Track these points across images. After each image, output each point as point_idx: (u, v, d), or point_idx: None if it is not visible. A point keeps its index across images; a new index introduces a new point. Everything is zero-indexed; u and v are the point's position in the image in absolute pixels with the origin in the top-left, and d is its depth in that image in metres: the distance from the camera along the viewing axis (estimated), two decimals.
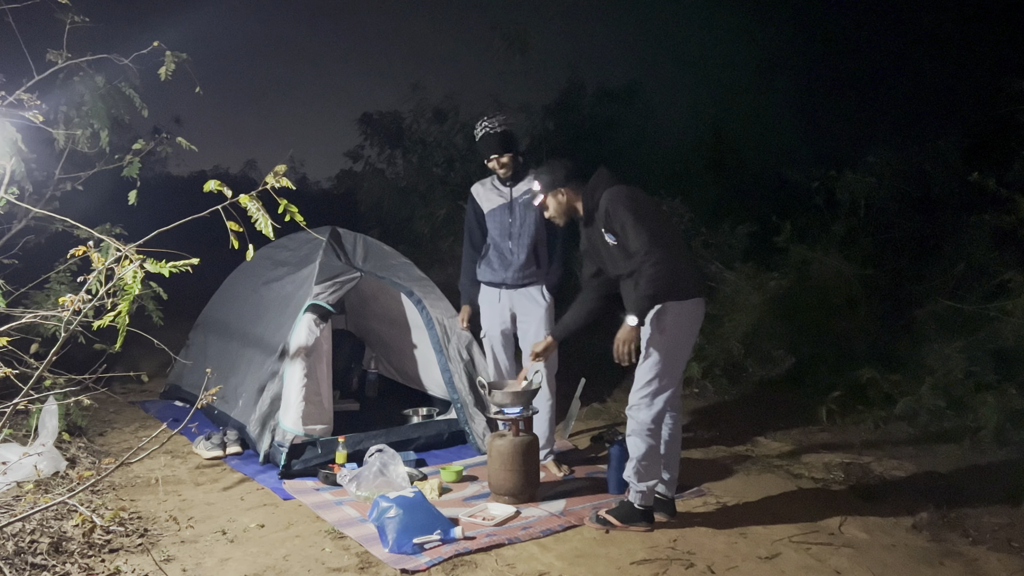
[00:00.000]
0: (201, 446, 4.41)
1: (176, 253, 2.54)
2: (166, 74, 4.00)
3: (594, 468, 4.25)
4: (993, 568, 3.04)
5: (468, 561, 3.03)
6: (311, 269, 4.49)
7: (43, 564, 2.84)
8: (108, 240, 2.62)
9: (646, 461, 3.32)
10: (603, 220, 3.33)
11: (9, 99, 3.07)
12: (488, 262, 4.22)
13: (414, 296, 4.68)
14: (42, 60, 3.76)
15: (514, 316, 4.22)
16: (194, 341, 5.73)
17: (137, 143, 4.44)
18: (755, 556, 3.11)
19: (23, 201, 3.35)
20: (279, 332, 4.36)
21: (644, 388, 3.29)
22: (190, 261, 2.53)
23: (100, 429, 4.96)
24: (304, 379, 4.09)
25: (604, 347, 3.43)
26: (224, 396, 4.60)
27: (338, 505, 3.63)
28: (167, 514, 3.46)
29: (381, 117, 10.22)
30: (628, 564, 3.03)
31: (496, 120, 4.02)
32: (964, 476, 4.09)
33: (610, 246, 3.36)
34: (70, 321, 2.67)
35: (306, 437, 4.08)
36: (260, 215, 2.50)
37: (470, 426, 4.52)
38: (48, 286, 4.61)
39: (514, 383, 3.89)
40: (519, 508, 3.58)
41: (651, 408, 3.29)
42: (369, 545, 3.15)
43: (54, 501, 2.96)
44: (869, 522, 3.48)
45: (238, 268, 5.67)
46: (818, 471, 4.23)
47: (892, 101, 8.44)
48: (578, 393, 4.98)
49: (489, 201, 4.20)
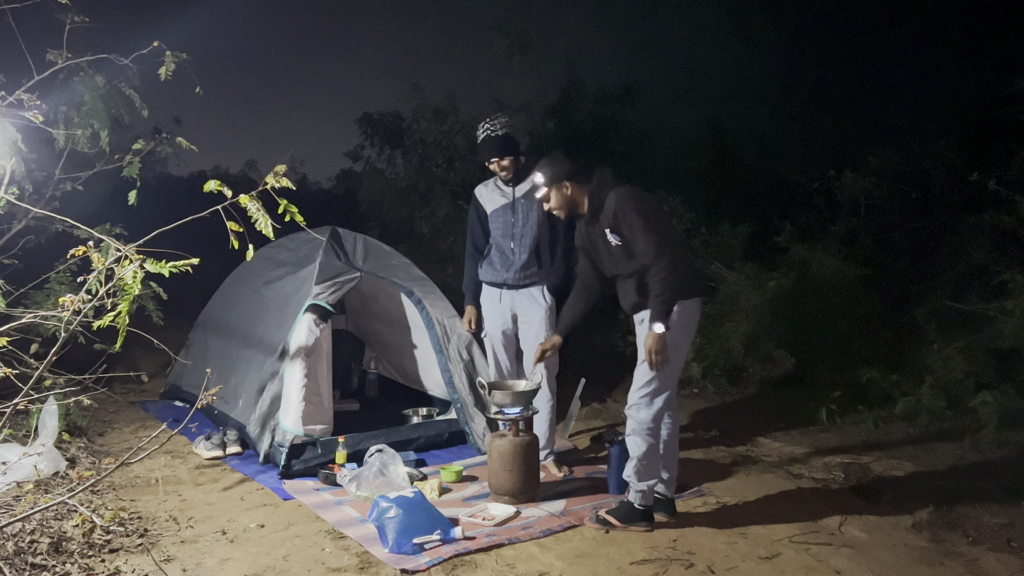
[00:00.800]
0: (201, 446, 4.41)
1: (176, 253, 2.53)
2: (166, 74, 4.00)
3: (594, 468, 4.25)
4: (993, 568, 3.04)
5: (468, 561, 3.03)
6: (311, 269, 4.49)
7: (43, 564, 2.84)
8: (108, 240, 2.62)
9: (646, 460, 3.32)
10: (609, 220, 3.32)
11: (9, 99, 3.08)
12: (490, 262, 4.22)
13: (414, 296, 4.68)
14: (42, 60, 3.76)
15: (515, 316, 4.22)
16: (194, 341, 5.73)
17: (137, 143, 4.45)
18: (755, 556, 3.11)
19: (23, 201, 3.34)
20: (279, 332, 4.36)
21: (644, 388, 3.29)
22: (190, 261, 2.53)
23: (100, 429, 4.96)
24: (304, 379, 4.09)
25: (604, 347, 3.42)
26: (224, 396, 4.60)
27: (338, 505, 3.63)
28: (167, 514, 3.46)
29: (381, 117, 10.22)
30: (628, 564, 3.03)
31: (498, 123, 4.02)
32: (964, 476, 4.09)
33: (612, 246, 3.35)
34: (70, 321, 2.66)
35: (306, 437, 4.08)
36: (260, 215, 2.50)
37: (470, 426, 4.52)
38: (48, 286, 4.61)
39: (524, 383, 3.89)
40: (519, 508, 3.58)
41: (651, 407, 3.29)
42: (369, 545, 3.15)
43: (54, 501, 2.96)
44: (869, 522, 3.48)
45: (238, 268, 5.67)
46: (818, 471, 4.23)
47: (892, 101, 8.44)
48: (578, 393, 4.98)
49: (492, 202, 4.20)
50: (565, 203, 3.47)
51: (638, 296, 3.34)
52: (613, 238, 3.33)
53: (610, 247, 3.37)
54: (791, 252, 6.48)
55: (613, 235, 3.33)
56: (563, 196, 3.45)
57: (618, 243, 3.33)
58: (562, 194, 3.45)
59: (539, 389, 3.88)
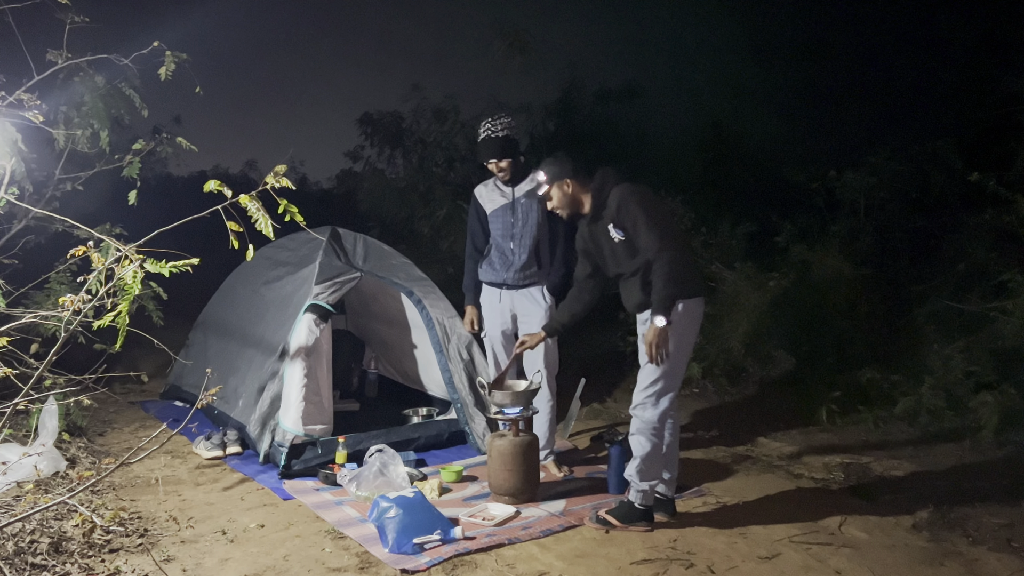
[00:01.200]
0: (201, 446, 4.41)
1: (176, 253, 2.54)
2: (166, 74, 4.00)
3: (594, 468, 4.25)
4: (993, 568, 3.04)
5: (468, 561, 3.03)
6: (311, 269, 4.49)
7: (43, 564, 2.84)
8: (108, 240, 2.63)
9: (649, 460, 3.32)
10: (612, 215, 3.34)
11: (9, 99, 3.07)
12: (490, 262, 4.22)
13: (414, 296, 4.68)
14: (42, 60, 3.76)
15: (515, 316, 4.22)
16: (194, 341, 5.73)
17: (137, 143, 4.45)
18: (755, 556, 3.11)
19: (23, 201, 3.35)
20: (279, 332, 4.36)
21: (649, 387, 3.30)
22: (190, 261, 2.53)
23: (100, 429, 4.96)
24: (304, 379, 4.09)
25: (604, 347, 3.42)
26: (224, 396, 4.60)
27: (338, 505, 3.63)
28: (167, 514, 3.46)
29: (381, 117, 10.21)
30: (628, 564, 3.03)
31: (499, 123, 4.01)
32: (964, 476, 4.09)
33: (615, 242, 3.36)
34: (70, 321, 2.67)
35: (306, 437, 4.08)
36: (260, 215, 2.50)
37: (470, 426, 4.52)
38: (48, 286, 4.61)
39: (524, 383, 3.89)
40: (519, 508, 3.58)
41: (656, 407, 3.29)
42: (369, 545, 3.15)
43: (54, 501, 2.96)
44: (869, 522, 3.48)
45: (238, 268, 5.67)
46: (818, 471, 4.23)
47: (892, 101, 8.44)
48: (578, 393, 4.98)
49: (492, 202, 4.20)
50: (566, 201, 3.49)
51: (642, 295, 3.34)
52: (616, 233, 3.34)
53: (613, 244, 3.38)
54: (791, 252, 6.47)
55: (616, 230, 3.34)
56: (564, 194, 3.48)
57: (621, 238, 3.33)
58: (563, 192, 3.47)
59: (539, 389, 3.88)
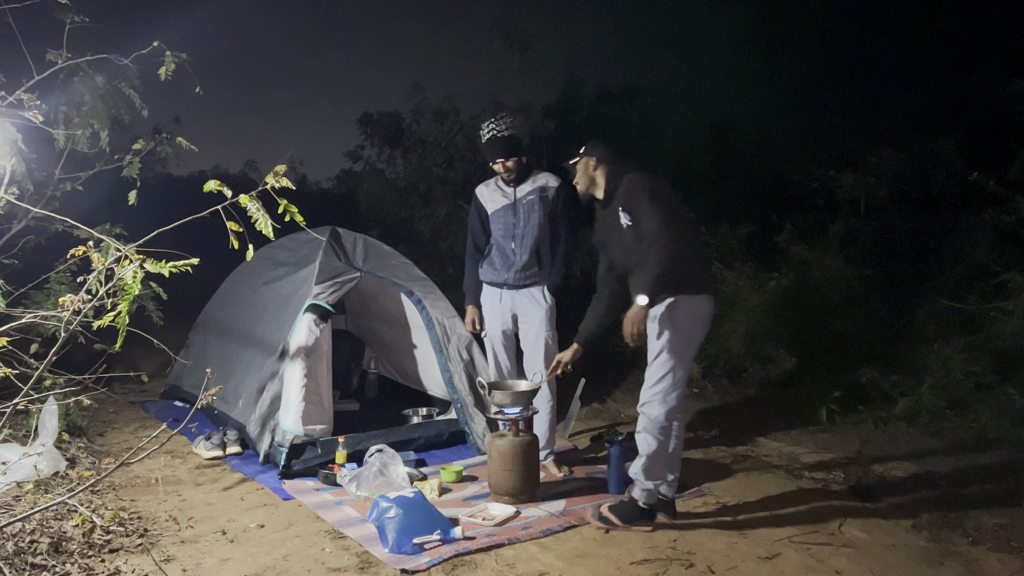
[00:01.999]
0: (201, 446, 4.41)
1: (176, 253, 2.54)
2: (166, 74, 4.00)
3: (594, 468, 4.25)
4: (993, 568, 3.04)
5: (468, 561, 3.03)
6: (311, 269, 4.49)
7: (43, 564, 2.84)
8: (108, 240, 2.63)
9: (655, 458, 3.32)
10: (622, 199, 3.38)
11: (9, 99, 3.07)
12: (490, 262, 4.22)
13: (414, 296, 4.68)
14: (42, 60, 3.76)
15: (515, 316, 4.22)
16: (194, 341, 5.73)
17: (137, 143, 4.45)
18: (755, 556, 3.11)
19: (23, 201, 3.35)
20: (279, 332, 4.36)
21: (657, 385, 3.29)
22: (190, 261, 2.53)
23: (100, 429, 4.96)
24: (304, 379, 4.09)
25: (604, 347, 3.42)
26: (224, 396, 4.60)
27: (338, 505, 3.63)
28: (167, 514, 3.46)
29: (381, 117, 10.20)
30: (628, 564, 3.03)
31: (503, 123, 4.03)
32: (964, 476, 4.08)
33: (623, 228, 3.37)
34: (70, 321, 2.66)
35: (306, 437, 4.08)
36: (260, 215, 2.50)
37: (470, 426, 4.52)
38: (48, 286, 4.62)
39: (524, 383, 3.88)
40: (519, 508, 3.58)
41: (664, 405, 3.29)
42: (369, 545, 3.15)
43: (54, 501, 2.96)
44: (869, 522, 3.48)
45: (238, 268, 5.67)
46: (818, 471, 4.23)
47: (892, 101, 8.43)
48: (578, 393, 4.98)
49: (493, 202, 4.21)
50: (586, 178, 3.58)
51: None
52: (624, 217, 3.36)
53: (622, 231, 3.39)
54: (791, 252, 6.48)
55: (625, 214, 3.36)
56: (586, 171, 3.57)
57: (628, 223, 3.34)
58: (586, 168, 3.57)
59: (539, 389, 3.88)
